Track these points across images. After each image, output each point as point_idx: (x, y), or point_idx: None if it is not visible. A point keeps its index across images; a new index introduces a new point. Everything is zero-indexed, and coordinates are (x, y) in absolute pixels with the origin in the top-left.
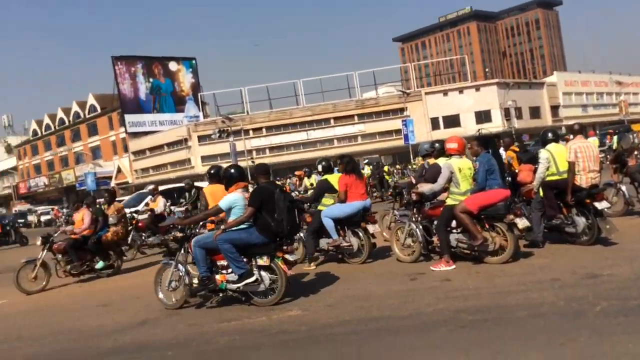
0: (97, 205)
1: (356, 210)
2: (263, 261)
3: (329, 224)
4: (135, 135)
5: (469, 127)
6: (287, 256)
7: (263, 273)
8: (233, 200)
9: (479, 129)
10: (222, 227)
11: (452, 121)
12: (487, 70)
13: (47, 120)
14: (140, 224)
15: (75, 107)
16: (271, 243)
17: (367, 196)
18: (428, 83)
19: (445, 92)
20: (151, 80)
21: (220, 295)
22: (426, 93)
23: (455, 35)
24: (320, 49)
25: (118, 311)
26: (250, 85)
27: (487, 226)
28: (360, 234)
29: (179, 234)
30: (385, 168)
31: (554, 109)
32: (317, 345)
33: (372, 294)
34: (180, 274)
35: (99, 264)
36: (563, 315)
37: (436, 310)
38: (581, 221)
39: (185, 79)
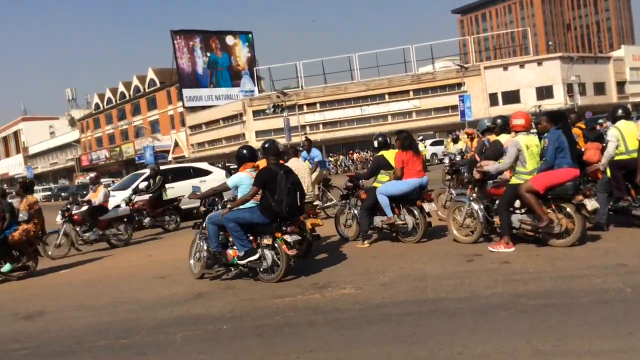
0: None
1: (412, 188)
2: (266, 240)
3: (384, 201)
4: (192, 109)
5: (529, 103)
6: (285, 237)
7: (266, 251)
8: (239, 179)
9: (539, 106)
10: (229, 205)
11: (512, 97)
12: (550, 43)
13: (108, 94)
14: (75, 217)
15: (135, 81)
16: (273, 223)
17: (425, 173)
18: (487, 57)
19: (505, 67)
20: (208, 54)
21: (232, 269)
22: (485, 67)
23: (517, 6)
24: (376, 22)
25: (174, 283)
26: (306, 60)
27: (553, 207)
28: (416, 212)
29: (203, 209)
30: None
31: (620, 85)
32: (371, 325)
33: (427, 274)
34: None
35: (5, 267)
36: (630, 303)
37: (495, 294)
38: None
39: (241, 53)
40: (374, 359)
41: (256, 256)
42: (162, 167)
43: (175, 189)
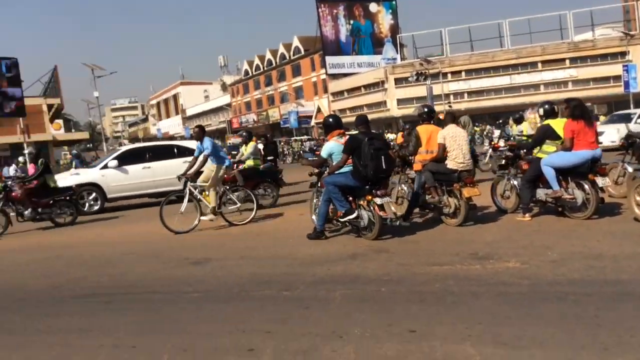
0: None
1: (583, 160)
2: (362, 202)
3: (549, 174)
4: (335, 76)
5: None
6: (375, 199)
7: (363, 212)
8: (330, 148)
9: None
10: (327, 171)
11: None
12: None
13: (257, 61)
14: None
15: (281, 49)
16: (364, 186)
17: (598, 145)
18: None
19: None
20: (351, 22)
21: (339, 224)
22: None
23: None
24: None
25: (327, 243)
26: (451, 27)
27: None
28: (586, 186)
29: (316, 170)
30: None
31: None
32: (545, 303)
33: (603, 254)
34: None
35: None
36: None
37: None
38: None
39: (384, 21)
40: (553, 339)
41: (354, 215)
42: (140, 145)
43: (153, 169)
